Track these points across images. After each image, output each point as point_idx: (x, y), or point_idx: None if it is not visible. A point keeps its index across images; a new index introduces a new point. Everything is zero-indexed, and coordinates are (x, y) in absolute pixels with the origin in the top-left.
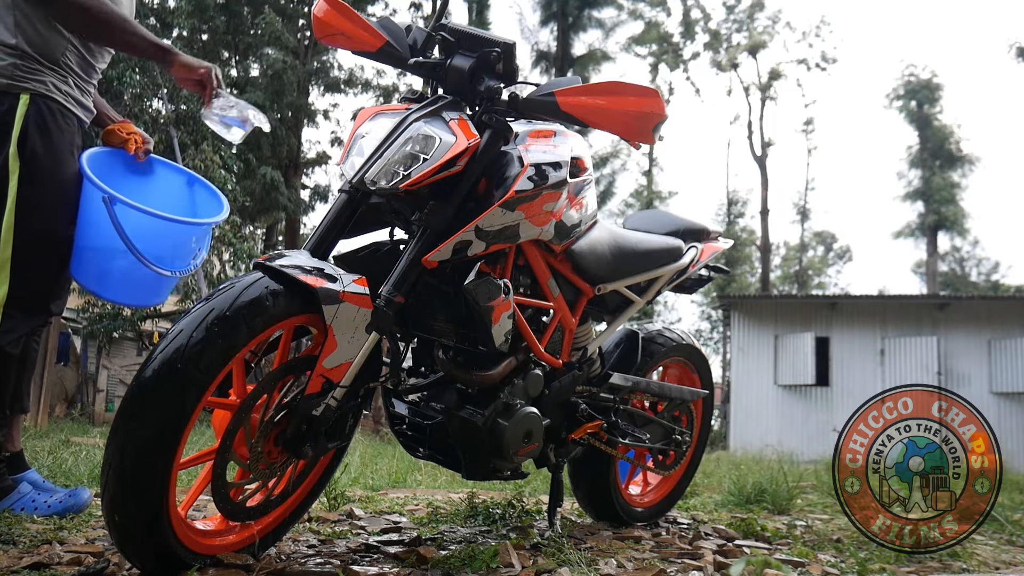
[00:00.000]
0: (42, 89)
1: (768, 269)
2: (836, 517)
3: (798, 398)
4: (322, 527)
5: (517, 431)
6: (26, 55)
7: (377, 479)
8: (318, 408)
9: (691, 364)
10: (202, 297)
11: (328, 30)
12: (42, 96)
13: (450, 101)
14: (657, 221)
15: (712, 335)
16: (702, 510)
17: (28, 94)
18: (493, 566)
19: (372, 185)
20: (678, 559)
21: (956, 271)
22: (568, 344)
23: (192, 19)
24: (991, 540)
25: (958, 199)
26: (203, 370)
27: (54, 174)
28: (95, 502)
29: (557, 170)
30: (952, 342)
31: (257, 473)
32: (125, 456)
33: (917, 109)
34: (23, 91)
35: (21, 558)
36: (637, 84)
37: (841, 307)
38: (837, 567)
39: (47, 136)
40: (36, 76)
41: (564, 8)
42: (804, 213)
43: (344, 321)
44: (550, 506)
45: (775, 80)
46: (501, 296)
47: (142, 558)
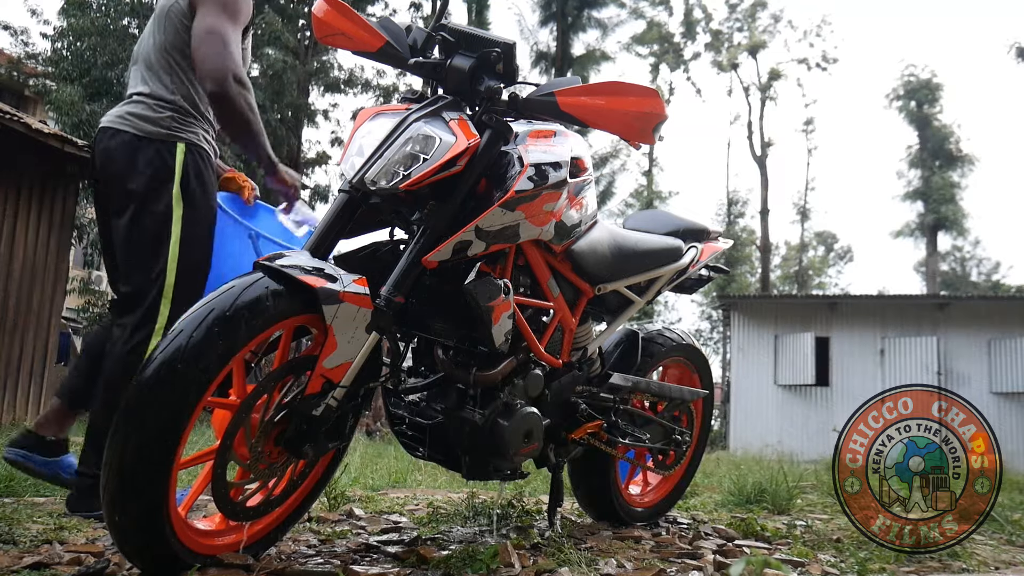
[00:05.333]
0: (194, 139)
1: (768, 269)
2: (836, 517)
3: (798, 398)
4: (322, 527)
5: (517, 431)
6: (182, 109)
7: (377, 479)
8: (318, 408)
9: (691, 364)
10: (202, 297)
11: (328, 30)
12: (194, 145)
13: (450, 101)
14: (657, 221)
15: (712, 335)
16: (702, 510)
17: (184, 143)
18: (493, 566)
19: (372, 185)
20: (678, 559)
21: (957, 271)
22: (568, 344)
23: None
24: (991, 540)
25: (958, 199)
26: (203, 370)
27: (206, 213)
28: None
29: (557, 170)
30: (952, 342)
31: (257, 473)
32: (125, 456)
33: (917, 109)
34: (180, 140)
35: (22, 558)
36: (637, 84)
37: (841, 307)
38: (837, 567)
39: (201, 179)
40: (189, 128)
41: (563, 8)
42: (804, 213)
43: (344, 321)
44: (550, 506)
45: (775, 80)
46: (501, 296)
47: (142, 558)
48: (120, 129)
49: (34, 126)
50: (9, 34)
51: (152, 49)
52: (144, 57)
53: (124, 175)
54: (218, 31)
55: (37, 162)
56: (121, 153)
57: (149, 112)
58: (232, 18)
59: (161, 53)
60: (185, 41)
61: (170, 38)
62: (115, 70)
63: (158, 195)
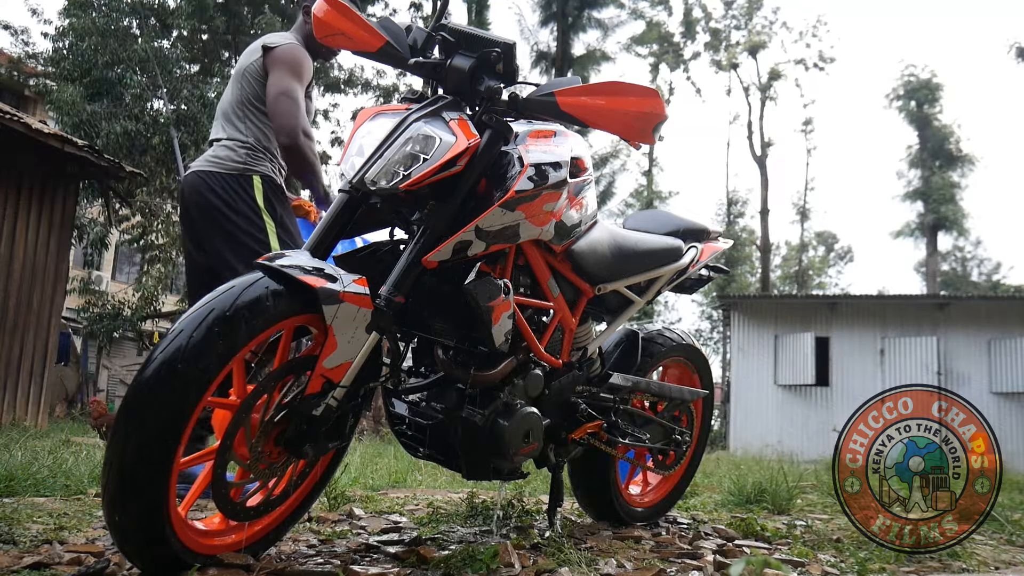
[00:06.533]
0: (266, 171)
1: (768, 269)
2: (836, 517)
3: (798, 398)
4: (322, 527)
5: (517, 431)
6: (255, 148)
7: (377, 479)
8: (318, 408)
9: (691, 364)
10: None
11: (328, 30)
12: (267, 176)
13: (450, 101)
14: (657, 221)
15: (712, 335)
16: (702, 510)
17: (259, 175)
18: (493, 566)
19: (372, 185)
20: (678, 559)
21: (957, 271)
22: (568, 344)
23: (192, 19)
24: (991, 540)
25: (958, 199)
26: (203, 370)
27: (291, 227)
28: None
29: (557, 170)
30: (952, 342)
31: (257, 473)
32: (125, 456)
33: (917, 109)
34: (255, 173)
35: (22, 558)
36: (637, 84)
37: (841, 307)
38: (837, 567)
39: (282, 204)
40: (262, 163)
41: (564, 8)
42: (804, 213)
43: (344, 321)
44: (550, 506)
45: (775, 80)
46: (501, 296)
47: (142, 558)
48: (205, 169)
49: (34, 126)
50: (9, 33)
51: (231, 103)
52: (223, 110)
53: (213, 205)
54: (290, 93)
55: (37, 162)
56: (208, 187)
57: (229, 152)
58: (299, 80)
59: (238, 105)
60: (259, 95)
61: (246, 92)
62: (115, 70)
63: (247, 218)
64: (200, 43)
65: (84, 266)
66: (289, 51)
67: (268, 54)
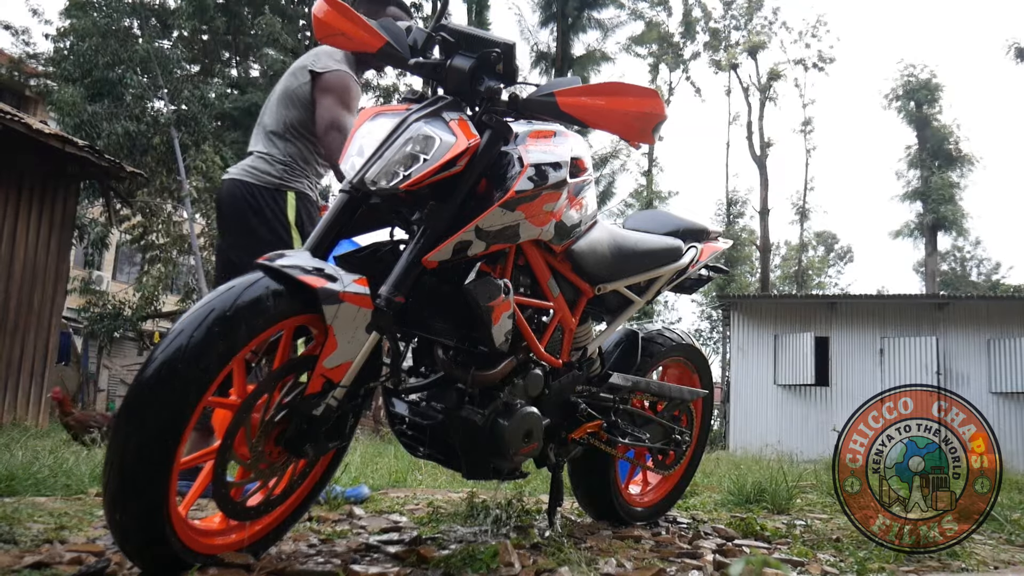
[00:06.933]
0: (301, 188)
1: (768, 269)
2: (836, 517)
3: (798, 398)
4: (322, 527)
5: (517, 431)
6: (293, 165)
7: (377, 479)
8: (318, 408)
9: (691, 364)
10: (203, 297)
11: (328, 30)
12: (302, 193)
13: (450, 101)
14: (657, 221)
15: (712, 335)
16: (702, 510)
17: (294, 192)
18: (493, 566)
19: (372, 185)
20: (678, 558)
21: (957, 271)
22: (568, 344)
23: (192, 20)
24: (991, 540)
25: (957, 199)
26: (203, 370)
27: None
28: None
29: (557, 170)
30: (952, 342)
31: (258, 472)
32: (126, 455)
33: (916, 109)
34: (291, 189)
35: (22, 557)
36: (637, 85)
37: (840, 307)
38: (836, 567)
39: (310, 217)
40: (298, 179)
41: (563, 9)
42: (804, 213)
43: (344, 321)
44: (550, 506)
45: (774, 80)
46: (501, 296)
47: (143, 557)
48: (243, 180)
49: (35, 126)
50: (10, 34)
51: (276, 121)
52: (267, 124)
53: (246, 215)
54: (341, 128)
55: (38, 162)
56: (243, 196)
57: (267, 166)
58: (349, 110)
59: (284, 125)
60: (304, 121)
61: (293, 115)
62: (116, 71)
63: (276, 234)
64: (200, 43)
65: (85, 266)
66: (338, 80)
67: (317, 80)
